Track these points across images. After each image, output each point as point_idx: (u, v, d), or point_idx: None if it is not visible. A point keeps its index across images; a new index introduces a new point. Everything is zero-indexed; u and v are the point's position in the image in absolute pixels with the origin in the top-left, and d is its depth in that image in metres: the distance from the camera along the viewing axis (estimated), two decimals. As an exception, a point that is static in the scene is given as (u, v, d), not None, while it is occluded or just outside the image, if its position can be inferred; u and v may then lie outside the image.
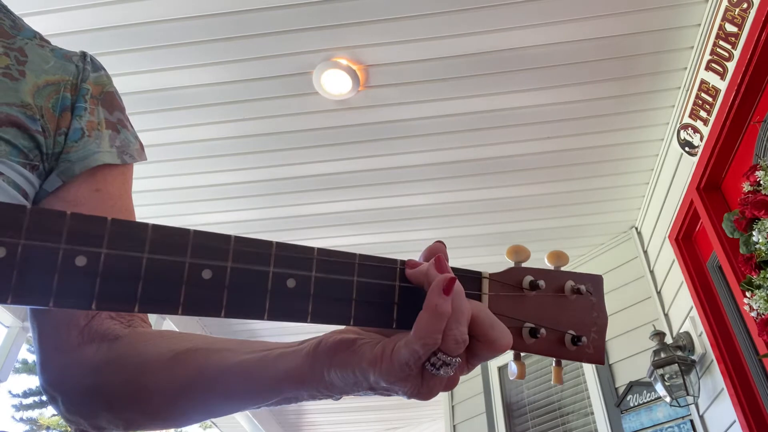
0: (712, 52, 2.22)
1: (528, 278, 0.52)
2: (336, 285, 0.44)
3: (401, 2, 2.15)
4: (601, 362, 0.54)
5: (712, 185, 2.50)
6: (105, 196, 0.62)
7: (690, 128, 2.50)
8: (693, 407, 2.70)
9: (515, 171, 2.94)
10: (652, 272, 3.19)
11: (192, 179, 2.93)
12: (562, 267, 0.55)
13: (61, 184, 0.59)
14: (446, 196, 3.10)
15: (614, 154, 2.86)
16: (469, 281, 0.50)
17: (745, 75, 2.07)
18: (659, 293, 3.11)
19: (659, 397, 2.75)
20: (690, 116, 2.48)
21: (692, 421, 2.71)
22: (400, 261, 0.47)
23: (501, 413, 3.71)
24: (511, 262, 0.54)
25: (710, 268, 2.64)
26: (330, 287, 0.44)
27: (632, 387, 2.99)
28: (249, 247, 0.42)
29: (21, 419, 16.10)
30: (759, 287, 1.87)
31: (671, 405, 2.64)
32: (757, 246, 1.87)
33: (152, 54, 2.30)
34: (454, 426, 4.12)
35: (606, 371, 3.22)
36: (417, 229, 3.33)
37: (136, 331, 0.59)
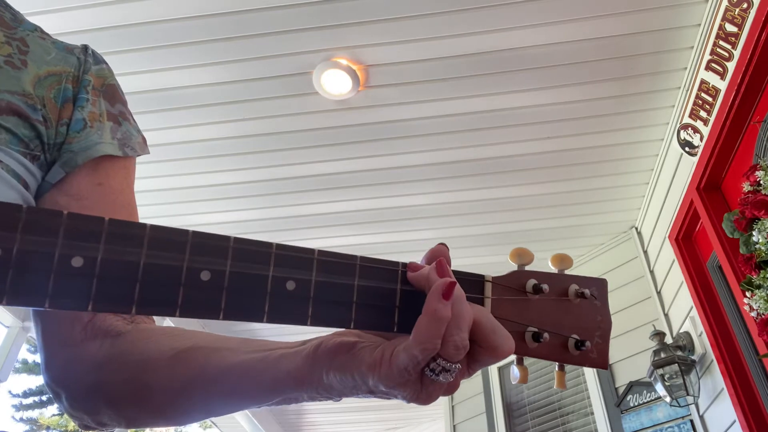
0: (712, 52, 2.22)
1: (531, 282, 0.51)
2: (336, 288, 0.44)
3: (401, 2, 2.15)
4: (605, 367, 0.53)
5: (712, 185, 2.50)
6: (107, 190, 0.61)
7: (690, 128, 2.50)
8: (693, 407, 2.70)
9: (515, 171, 2.94)
10: (652, 272, 3.19)
11: (192, 179, 2.92)
12: (566, 270, 0.54)
13: (64, 176, 0.59)
14: (446, 196, 3.10)
15: (614, 154, 2.86)
16: (472, 284, 0.49)
17: (745, 75, 2.06)
18: (659, 293, 3.10)
19: (659, 397, 2.74)
20: (690, 116, 2.47)
21: (692, 421, 2.71)
22: (402, 264, 0.46)
23: (501, 413, 3.70)
24: (514, 265, 0.53)
25: (710, 268, 2.64)
26: (330, 290, 0.43)
27: (632, 387, 2.98)
28: (248, 248, 0.41)
29: (21, 419, 16.08)
30: (759, 287, 1.87)
31: (671, 405, 2.63)
32: (757, 246, 1.87)
33: (152, 54, 2.30)
34: (454, 426, 4.12)
35: (606, 371, 3.22)
36: (417, 229, 3.33)
37: (139, 328, 0.59)
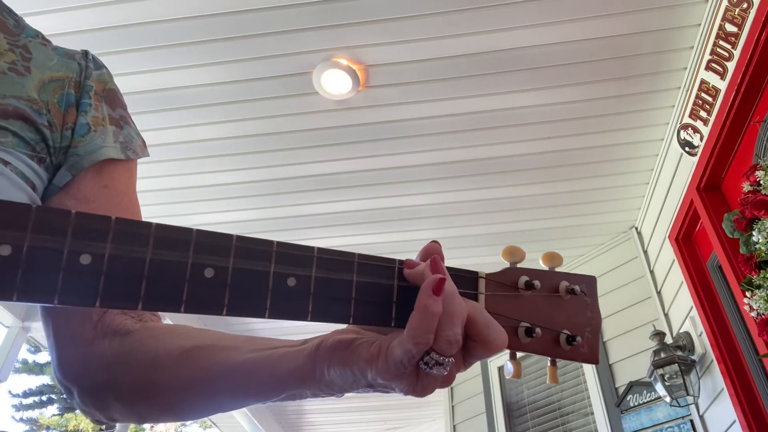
0: (712, 52, 2.22)
1: (524, 278, 0.53)
2: (336, 284, 0.45)
3: (401, 2, 2.16)
4: (596, 362, 0.54)
5: (712, 185, 2.50)
6: (112, 193, 0.63)
7: (690, 128, 2.51)
8: (693, 407, 2.70)
9: (515, 171, 2.94)
10: (652, 272, 3.19)
11: (192, 179, 2.93)
12: (557, 268, 0.56)
13: (70, 180, 0.60)
14: (446, 196, 3.10)
15: (614, 154, 2.87)
16: (466, 281, 0.50)
17: (745, 75, 2.07)
18: (659, 293, 3.11)
19: (659, 397, 2.75)
20: (690, 116, 2.48)
21: (692, 421, 2.72)
22: (399, 261, 0.48)
23: (501, 413, 3.71)
24: (507, 263, 0.54)
25: (710, 268, 2.64)
26: (330, 286, 0.45)
27: (632, 387, 2.99)
28: (250, 246, 0.43)
29: (21, 419, 16.09)
30: (759, 287, 1.88)
31: (671, 405, 2.64)
32: (757, 246, 1.87)
33: (152, 54, 2.30)
34: (454, 426, 4.12)
35: (606, 371, 3.22)
36: (417, 229, 3.34)
37: (147, 326, 0.60)
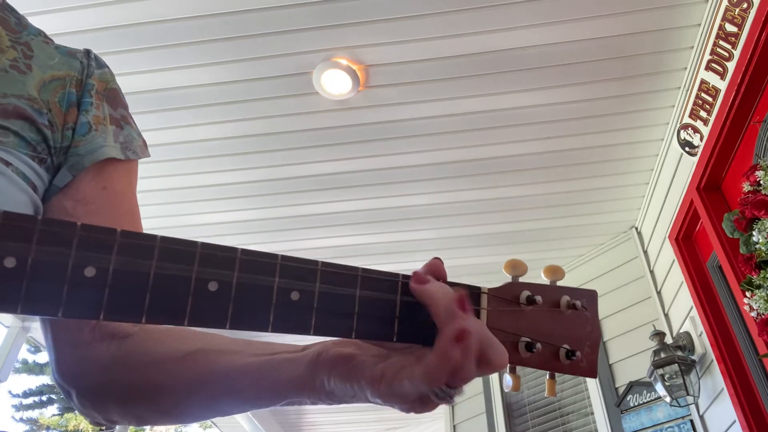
0: (712, 52, 2.22)
1: (525, 293, 0.53)
2: (339, 298, 0.45)
3: (401, 2, 2.15)
4: (594, 376, 0.55)
5: (712, 185, 2.50)
6: (112, 194, 0.63)
7: (690, 128, 2.51)
8: (693, 407, 2.71)
9: (515, 171, 2.94)
10: (652, 272, 3.19)
11: (192, 179, 2.92)
12: (558, 281, 0.56)
13: (71, 180, 0.60)
14: (446, 196, 3.10)
15: (614, 154, 2.87)
16: (469, 296, 0.50)
17: (745, 75, 2.07)
18: (659, 293, 3.11)
19: (659, 397, 2.75)
20: (690, 116, 2.48)
21: (692, 421, 2.72)
22: (402, 275, 0.48)
23: (501, 413, 3.71)
24: (509, 277, 0.54)
25: (710, 268, 2.64)
26: (333, 300, 0.44)
27: (632, 387, 2.99)
28: (255, 260, 0.43)
29: (21, 419, 16.09)
30: (759, 287, 1.88)
31: (671, 405, 2.64)
32: (757, 246, 1.87)
33: (152, 54, 2.30)
34: (454, 426, 4.13)
35: (606, 371, 3.23)
36: (417, 229, 3.33)
37: (145, 330, 0.60)
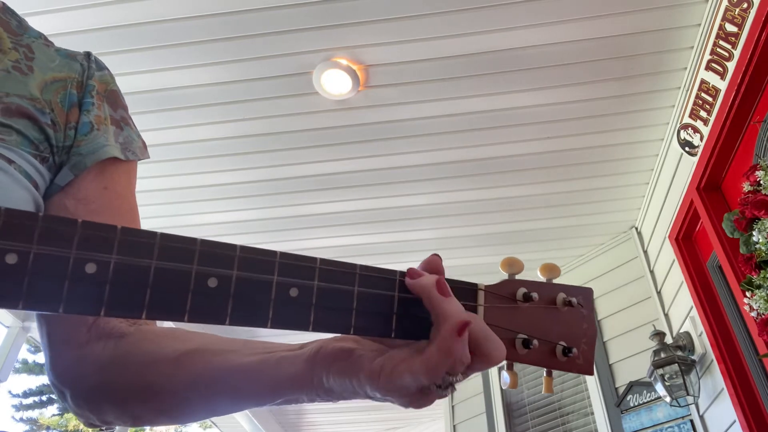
0: (712, 52, 2.22)
1: (522, 290, 0.53)
2: (337, 295, 0.45)
3: (401, 2, 2.15)
4: (590, 373, 0.55)
5: (712, 185, 2.51)
6: (112, 195, 0.63)
7: (690, 128, 2.51)
8: (693, 407, 2.71)
9: (515, 171, 2.94)
10: (652, 272, 3.19)
11: (192, 179, 2.92)
12: (554, 279, 0.56)
13: (72, 179, 0.60)
14: (446, 196, 3.10)
15: (614, 154, 2.87)
16: (465, 293, 0.51)
17: (745, 75, 2.07)
18: (659, 293, 3.11)
19: (659, 397, 2.75)
20: (690, 116, 2.48)
21: (692, 421, 2.72)
22: (399, 272, 0.48)
23: (501, 413, 3.71)
24: (505, 275, 0.55)
25: (710, 268, 2.65)
26: (331, 297, 0.45)
27: (632, 387, 2.99)
28: (254, 257, 0.43)
29: (21, 419, 16.09)
30: (759, 287, 1.88)
31: (671, 405, 2.64)
32: (757, 246, 1.87)
33: (152, 54, 2.30)
34: (454, 426, 4.13)
35: (606, 371, 3.23)
36: (417, 229, 3.33)
37: (142, 330, 0.60)
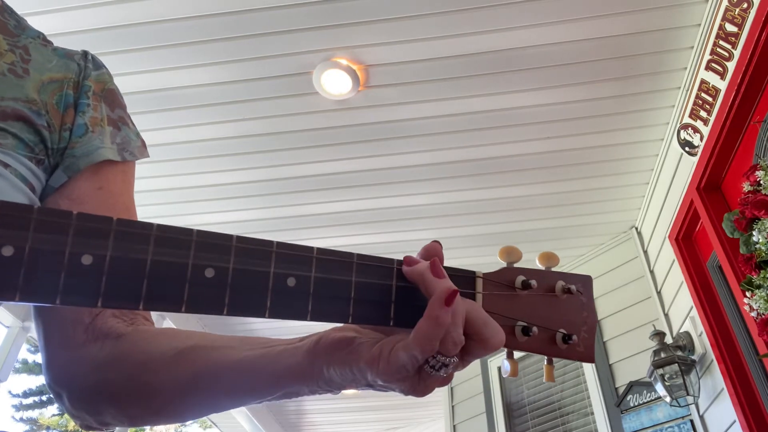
0: (712, 52, 2.22)
1: (520, 278, 0.53)
2: (335, 284, 0.45)
3: (401, 2, 2.15)
4: (592, 360, 0.55)
5: (712, 185, 2.50)
6: (107, 194, 0.63)
7: (690, 128, 2.51)
8: (693, 407, 2.70)
9: (515, 171, 2.94)
10: (652, 272, 3.19)
11: (192, 179, 2.93)
12: (553, 268, 0.56)
13: (66, 180, 0.60)
14: (446, 196, 3.10)
15: (614, 154, 2.87)
16: (464, 280, 0.51)
17: (745, 75, 2.07)
18: (659, 293, 3.11)
19: (659, 397, 2.75)
20: (690, 116, 2.48)
21: (692, 421, 2.72)
22: (397, 261, 0.48)
23: (501, 413, 3.71)
24: (504, 263, 0.55)
25: (710, 268, 2.64)
26: (329, 286, 0.45)
27: (632, 387, 2.99)
28: (250, 247, 0.43)
29: (21, 419, 16.09)
30: (759, 287, 1.88)
31: (671, 405, 2.64)
32: (757, 246, 1.87)
33: (152, 54, 2.30)
34: (454, 426, 4.12)
35: (606, 371, 3.22)
36: (416, 229, 3.34)
37: (139, 329, 0.60)
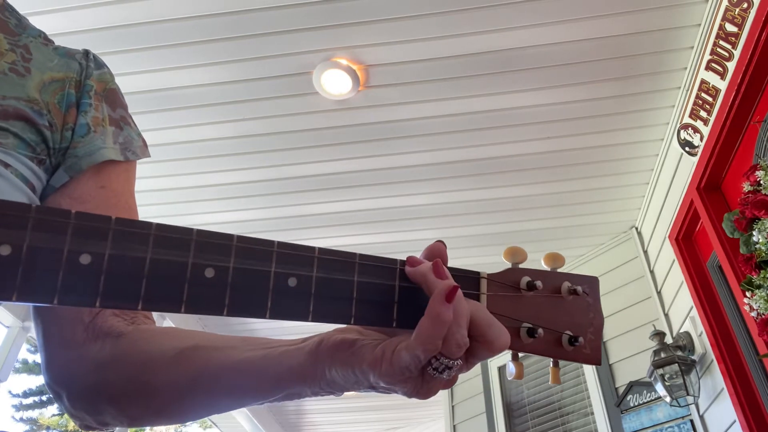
0: (712, 52, 2.22)
1: (525, 279, 0.52)
2: (337, 284, 0.44)
3: (401, 2, 2.15)
4: (598, 363, 0.54)
5: (712, 185, 2.50)
6: (109, 194, 0.63)
7: (690, 128, 2.51)
8: (693, 407, 2.70)
9: (515, 171, 2.94)
10: (652, 272, 3.19)
11: (192, 179, 2.93)
12: (558, 269, 0.55)
13: (68, 180, 0.60)
14: (446, 196, 3.10)
15: (614, 154, 2.87)
16: (468, 281, 0.50)
17: (745, 75, 2.07)
18: (659, 293, 3.11)
19: (659, 397, 2.75)
20: (690, 116, 2.48)
21: (692, 421, 2.71)
22: (400, 261, 0.48)
23: (501, 413, 3.71)
24: (508, 264, 0.54)
25: (710, 268, 2.64)
26: (331, 286, 0.44)
27: (632, 387, 2.99)
28: (251, 247, 0.42)
29: (21, 419, 16.07)
30: (759, 287, 1.87)
31: (671, 405, 2.64)
32: (757, 246, 1.87)
33: (152, 54, 2.30)
34: (454, 426, 4.12)
35: (606, 371, 3.22)
36: (417, 229, 3.33)
37: (140, 329, 0.59)
